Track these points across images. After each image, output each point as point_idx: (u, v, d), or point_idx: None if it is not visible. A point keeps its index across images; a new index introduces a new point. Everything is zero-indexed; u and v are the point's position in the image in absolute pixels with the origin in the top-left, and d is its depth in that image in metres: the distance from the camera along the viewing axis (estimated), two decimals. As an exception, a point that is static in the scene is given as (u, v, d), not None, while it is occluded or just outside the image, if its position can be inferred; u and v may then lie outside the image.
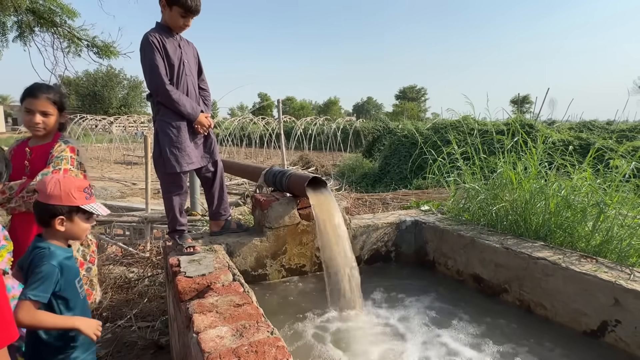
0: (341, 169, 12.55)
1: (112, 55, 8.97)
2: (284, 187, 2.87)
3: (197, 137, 2.52)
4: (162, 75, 2.33)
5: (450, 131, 8.95)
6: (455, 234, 2.90)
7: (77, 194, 1.64)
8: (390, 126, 15.24)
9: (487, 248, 2.64)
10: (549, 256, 2.32)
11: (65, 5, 8.14)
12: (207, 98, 2.67)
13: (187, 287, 1.90)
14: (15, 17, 8.02)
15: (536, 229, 2.78)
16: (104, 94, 44.38)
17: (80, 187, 1.66)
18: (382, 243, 3.23)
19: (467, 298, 2.60)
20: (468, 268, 2.81)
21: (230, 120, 23.84)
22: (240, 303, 1.73)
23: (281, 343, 1.41)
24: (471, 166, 3.47)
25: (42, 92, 2.18)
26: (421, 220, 3.28)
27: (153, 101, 2.45)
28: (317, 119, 22.36)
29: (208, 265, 2.14)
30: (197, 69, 2.60)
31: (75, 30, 8.61)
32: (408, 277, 3.01)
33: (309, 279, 2.87)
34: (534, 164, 3.02)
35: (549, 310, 2.29)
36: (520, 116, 10.95)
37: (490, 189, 3.13)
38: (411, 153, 10.08)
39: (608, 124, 12.65)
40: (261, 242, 2.75)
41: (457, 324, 2.28)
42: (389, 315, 2.40)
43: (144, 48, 2.35)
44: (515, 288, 2.47)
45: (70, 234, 1.66)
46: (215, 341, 1.43)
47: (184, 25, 2.44)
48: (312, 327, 2.25)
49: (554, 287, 2.24)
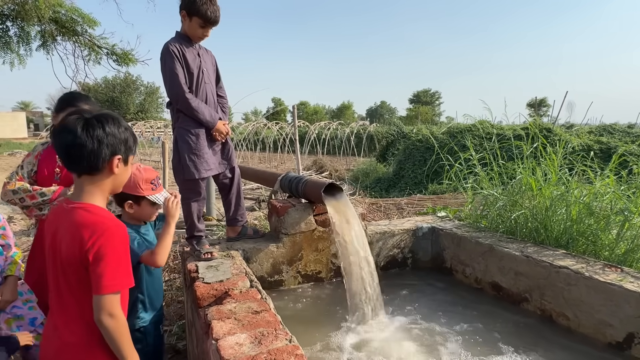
0: (355, 173, 12.52)
1: (130, 62, 9.18)
2: (300, 193, 2.88)
3: (215, 144, 2.55)
4: (181, 84, 2.37)
5: (466, 136, 8.85)
6: (474, 241, 2.86)
7: (145, 185, 1.88)
8: (404, 130, 15.16)
9: (506, 256, 2.60)
10: (572, 265, 2.27)
11: (86, 15, 8.38)
12: (225, 105, 2.70)
13: (206, 293, 1.91)
14: (38, 26, 8.28)
15: (557, 236, 2.71)
16: (121, 100, 45.36)
17: (148, 180, 1.90)
18: (398, 250, 3.21)
19: (487, 306, 2.56)
20: (487, 276, 2.76)
21: (245, 125, 24.05)
22: (259, 310, 1.73)
23: (300, 351, 1.41)
24: (489, 172, 3.42)
25: (81, 101, 2.21)
26: (438, 226, 3.24)
27: (173, 109, 2.50)
28: (331, 124, 22.37)
29: (226, 271, 2.15)
30: (215, 76, 2.63)
31: (96, 39, 8.85)
32: (425, 284, 2.97)
33: (325, 285, 2.87)
34: (554, 170, 2.96)
35: (571, 321, 2.23)
36: (538, 120, 10.77)
37: (509, 196, 3.08)
38: (426, 158, 10.00)
39: (629, 127, 12.33)
40: (277, 248, 2.75)
41: (478, 333, 2.24)
42: (408, 323, 2.37)
43: (164, 57, 2.39)
44: (536, 297, 2.42)
45: (138, 216, 1.94)
46: (235, 348, 1.44)
47: (202, 35, 2.47)
48: (330, 334, 2.24)
49: (577, 296, 2.19)
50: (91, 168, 1.28)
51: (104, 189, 1.33)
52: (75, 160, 1.27)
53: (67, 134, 1.24)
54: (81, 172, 1.29)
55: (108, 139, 1.28)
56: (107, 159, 1.29)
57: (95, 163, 1.27)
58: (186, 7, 2.39)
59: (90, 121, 1.26)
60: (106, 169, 1.30)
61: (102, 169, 1.29)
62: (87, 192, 1.30)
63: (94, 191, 1.31)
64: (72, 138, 1.24)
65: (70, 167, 1.30)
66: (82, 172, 1.29)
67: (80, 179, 1.31)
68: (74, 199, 1.32)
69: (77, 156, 1.25)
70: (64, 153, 1.27)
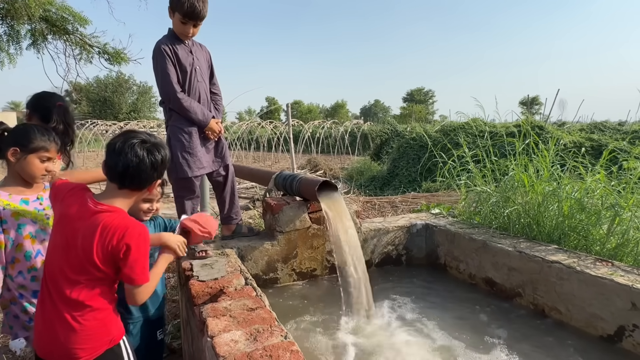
0: (349, 172, 12.55)
1: (122, 61, 9.09)
2: (295, 191, 2.88)
3: (208, 142, 2.55)
4: (173, 84, 2.35)
5: (460, 133, 8.90)
6: (467, 237, 2.88)
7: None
8: (398, 129, 15.20)
9: (499, 251, 2.62)
10: (564, 260, 2.29)
11: (77, 13, 8.28)
12: (219, 102, 2.69)
13: (200, 291, 1.91)
14: (29, 25, 8.18)
15: (549, 232, 2.74)
16: (114, 100, 44.92)
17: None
18: (392, 247, 3.22)
19: (480, 301, 2.58)
20: (480, 272, 2.79)
21: (239, 124, 23.98)
22: (254, 307, 1.73)
23: (295, 347, 1.42)
24: (482, 169, 3.45)
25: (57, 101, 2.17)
26: (432, 223, 3.26)
27: (165, 107, 2.49)
28: (325, 123, 22.37)
29: (220, 269, 2.15)
30: (209, 73, 2.62)
31: (87, 38, 8.75)
32: (419, 280, 2.99)
33: (320, 282, 2.87)
34: (546, 166, 2.99)
35: (563, 315, 2.26)
36: (531, 118, 10.86)
37: (501, 192, 3.10)
38: (420, 156, 10.05)
39: (620, 124, 12.47)
40: (272, 246, 2.75)
41: (472, 327, 2.26)
42: (401, 319, 2.39)
43: (156, 56, 2.38)
44: (529, 292, 2.45)
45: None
46: (230, 345, 1.44)
47: (185, 32, 2.39)
48: (324, 331, 2.25)
49: (568, 291, 2.21)
50: (138, 187, 1.43)
51: (133, 201, 1.47)
52: (128, 178, 1.39)
53: (133, 156, 1.36)
54: (126, 187, 1.40)
55: (160, 167, 1.43)
56: (152, 182, 1.44)
57: (144, 184, 1.43)
58: (170, 2, 2.36)
59: (151, 148, 1.41)
60: (146, 189, 1.46)
61: (144, 188, 1.45)
62: (120, 200, 1.42)
63: (126, 201, 1.44)
64: (136, 161, 1.37)
65: (118, 180, 1.39)
66: (127, 187, 1.41)
67: (119, 190, 1.41)
68: (103, 201, 1.40)
69: (132, 175, 1.38)
70: (122, 169, 1.37)
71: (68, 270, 1.37)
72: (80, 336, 1.37)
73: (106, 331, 1.43)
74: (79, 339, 1.37)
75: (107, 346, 1.43)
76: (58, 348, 1.38)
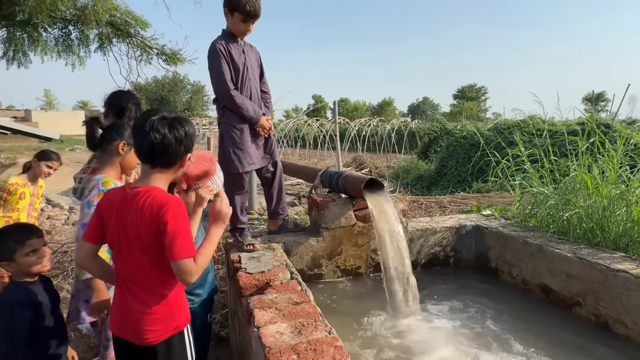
0: (395, 170, 12.33)
1: (178, 61, 9.58)
2: (340, 188, 2.89)
3: (258, 139, 2.61)
4: (227, 82, 2.44)
5: (515, 132, 8.44)
6: (521, 240, 2.74)
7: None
8: (447, 127, 14.69)
9: (557, 257, 2.46)
10: (631, 269, 2.11)
11: (139, 17, 8.84)
12: (268, 100, 2.75)
13: (248, 283, 1.97)
14: (96, 29, 8.84)
15: (615, 238, 2.54)
16: (169, 98, 47.41)
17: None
18: (440, 247, 3.13)
19: (535, 309, 2.45)
20: (535, 277, 2.63)
21: (286, 122, 24.37)
22: (299, 301, 1.76)
23: (339, 343, 1.42)
24: (539, 169, 3.25)
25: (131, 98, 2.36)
26: (483, 225, 3.13)
27: (218, 105, 2.58)
28: (371, 120, 22.14)
29: (267, 262, 2.21)
30: (259, 72, 2.69)
31: (147, 40, 9.31)
32: (468, 283, 2.88)
33: (364, 280, 2.86)
34: (613, 167, 2.76)
35: (630, 329, 2.08)
36: (596, 115, 10.06)
37: (561, 194, 2.91)
38: (470, 155, 9.65)
39: (702, 123, 11.21)
40: (317, 242, 2.78)
41: (524, 335, 2.14)
42: (447, 322, 2.32)
43: (211, 55, 2.48)
44: (590, 302, 2.28)
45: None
46: (275, 337, 1.47)
47: (245, 30, 2.52)
48: (367, 329, 2.24)
49: (636, 302, 2.03)
50: (169, 163, 1.44)
51: (169, 178, 1.49)
52: (157, 156, 1.41)
53: (156, 133, 1.38)
54: (158, 165, 1.44)
55: (186, 140, 1.44)
56: (182, 156, 1.45)
57: (174, 160, 1.44)
58: (227, 3, 2.45)
59: (173, 123, 1.42)
60: (178, 164, 1.47)
61: (175, 164, 1.46)
62: (155, 179, 1.44)
63: (161, 178, 1.46)
64: (160, 137, 1.38)
65: (149, 160, 1.44)
66: (158, 165, 1.44)
67: (152, 169, 1.45)
68: (138, 184, 1.45)
69: (160, 152, 1.40)
70: (148, 149, 1.40)
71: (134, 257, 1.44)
72: (150, 319, 1.44)
73: (173, 318, 1.48)
74: (148, 322, 1.44)
75: (172, 332, 1.48)
76: (131, 326, 1.46)
